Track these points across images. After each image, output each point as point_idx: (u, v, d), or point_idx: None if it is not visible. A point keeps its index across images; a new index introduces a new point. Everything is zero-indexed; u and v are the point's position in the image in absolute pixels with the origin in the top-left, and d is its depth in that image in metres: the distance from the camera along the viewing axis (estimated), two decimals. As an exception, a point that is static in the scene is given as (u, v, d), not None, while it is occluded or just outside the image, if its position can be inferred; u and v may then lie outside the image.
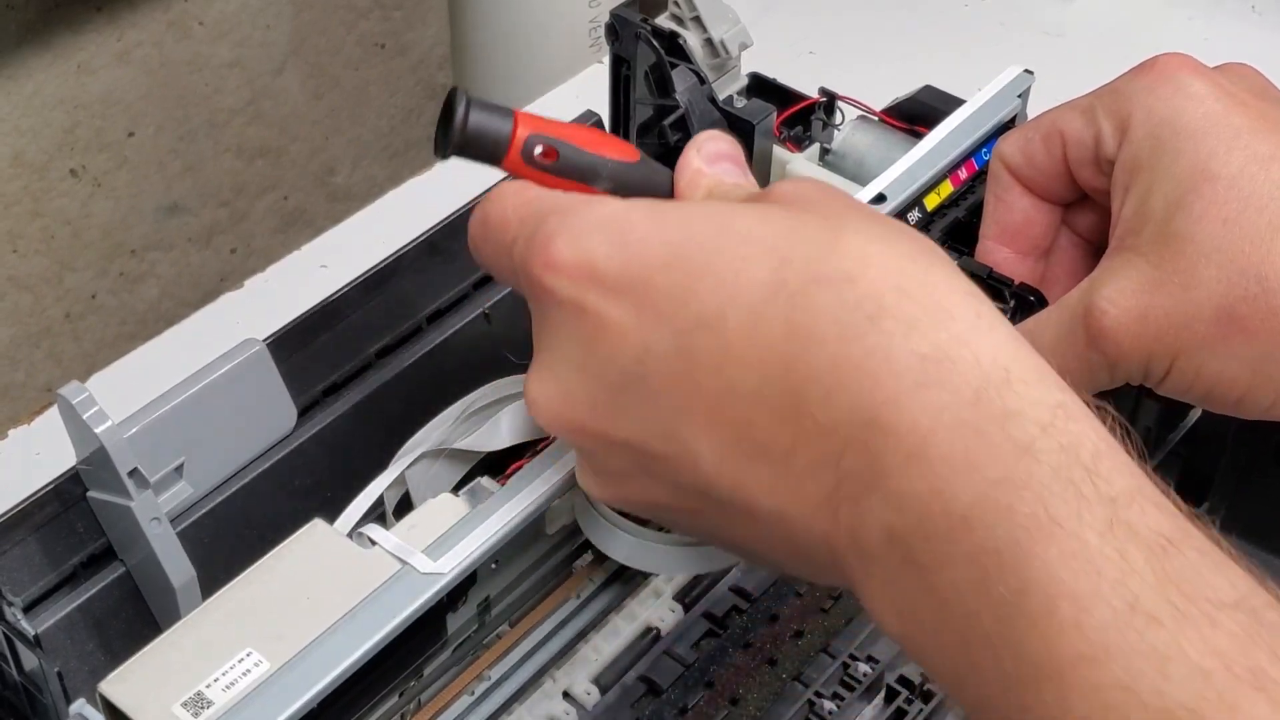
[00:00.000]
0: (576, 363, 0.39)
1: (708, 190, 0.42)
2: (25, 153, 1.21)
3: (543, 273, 0.38)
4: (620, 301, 0.37)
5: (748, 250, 0.36)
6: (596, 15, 1.10)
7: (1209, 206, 0.45)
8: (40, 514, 0.47)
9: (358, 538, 0.46)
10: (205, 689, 0.41)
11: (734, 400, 0.36)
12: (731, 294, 0.36)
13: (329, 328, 0.54)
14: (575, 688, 0.52)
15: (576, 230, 0.38)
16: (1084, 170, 0.50)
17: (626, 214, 0.38)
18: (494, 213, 0.41)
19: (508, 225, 0.40)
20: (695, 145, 0.43)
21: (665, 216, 0.38)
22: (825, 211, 0.37)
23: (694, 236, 0.37)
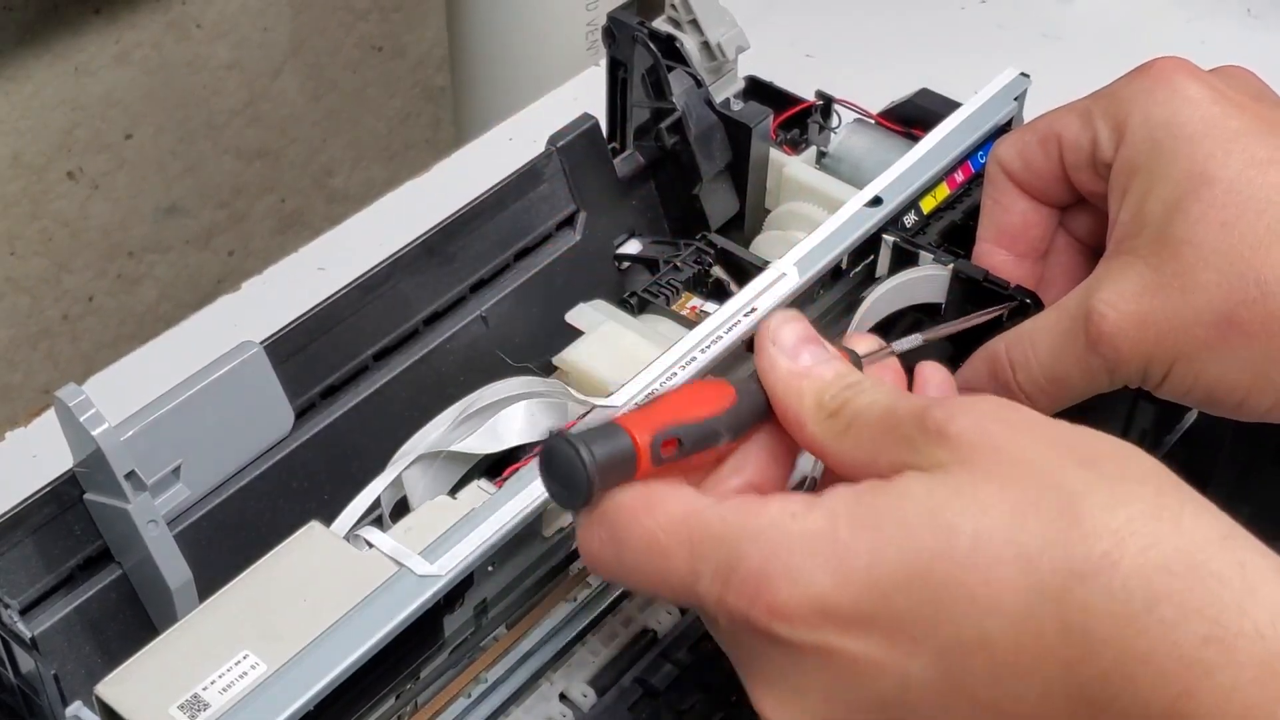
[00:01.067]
0: (824, 693, 0.36)
1: (816, 400, 0.39)
2: (24, 154, 1.21)
3: (769, 620, 0.36)
4: (865, 636, 0.35)
5: (986, 556, 0.34)
6: (594, 18, 1.10)
7: (1207, 210, 0.45)
8: (37, 516, 0.47)
9: (355, 540, 0.46)
10: (202, 691, 0.41)
11: (1017, 712, 0.34)
12: (988, 608, 0.34)
13: (326, 330, 0.54)
14: (572, 690, 0.52)
15: (790, 566, 0.35)
16: (1081, 174, 0.50)
17: (834, 534, 0.35)
18: (635, 536, 0.38)
19: (669, 552, 0.37)
20: (769, 338, 0.40)
21: (880, 531, 0.35)
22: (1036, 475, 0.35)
23: (921, 549, 0.34)
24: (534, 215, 0.60)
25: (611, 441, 0.38)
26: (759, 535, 0.36)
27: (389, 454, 0.53)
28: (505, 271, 0.59)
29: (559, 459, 0.38)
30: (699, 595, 0.37)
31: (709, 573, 0.37)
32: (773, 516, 0.36)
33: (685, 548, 0.37)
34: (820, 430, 0.39)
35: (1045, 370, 0.48)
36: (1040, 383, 0.48)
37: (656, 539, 0.38)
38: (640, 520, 0.38)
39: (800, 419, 0.39)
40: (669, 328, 0.59)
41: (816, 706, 0.37)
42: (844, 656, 0.35)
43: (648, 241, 0.64)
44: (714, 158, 0.63)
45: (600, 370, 0.55)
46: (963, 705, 0.35)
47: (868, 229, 0.56)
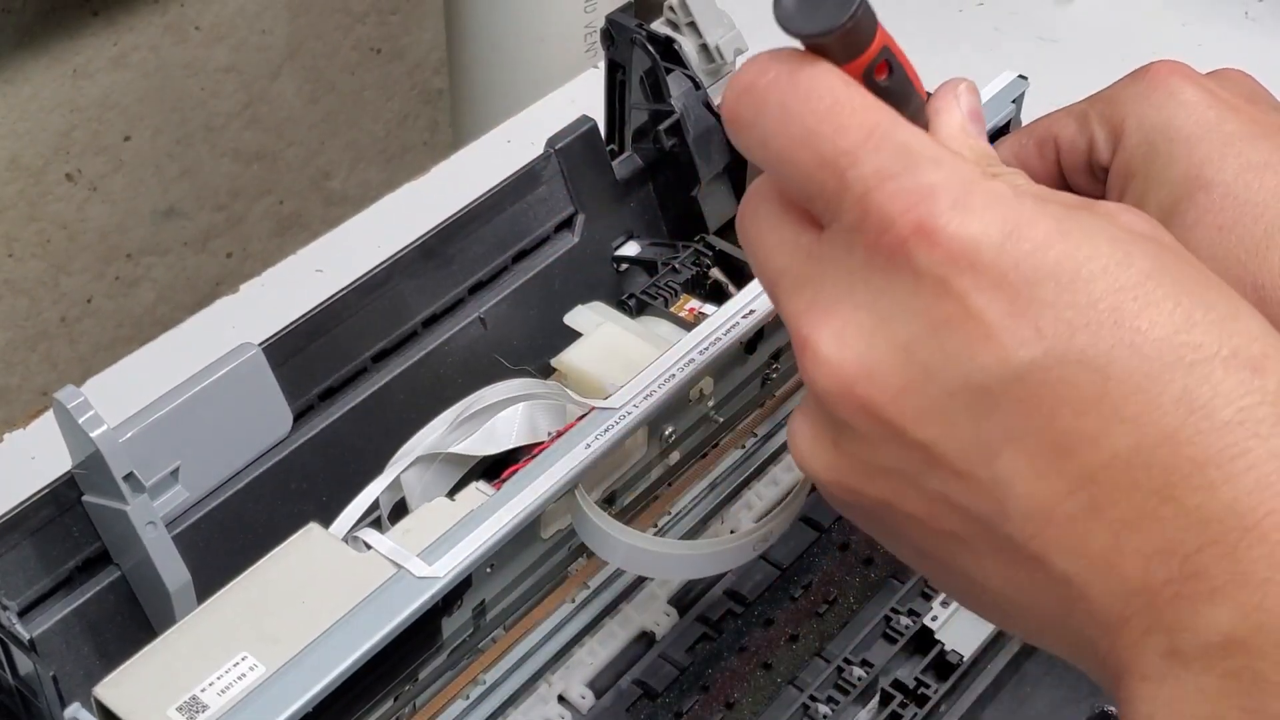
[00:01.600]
0: (903, 340, 0.34)
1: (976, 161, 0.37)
2: (21, 156, 1.21)
3: (909, 235, 0.33)
4: (994, 297, 0.33)
5: (1151, 294, 0.33)
6: (592, 20, 1.10)
7: (1204, 214, 0.45)
8: (36, 518, 0.47)
9: (353, 542, 0.46)
10: (200, 693, 0.41)
11: (1090, 451, 0.32)
12: (1128, 339, 0.32)
13: (325, 332, 0.54)
14: (570, 692, 0.52)
15: (968, 203, 0.33)
16: (1078, 177, 0.50)
17: (1019, 202, 0.33)
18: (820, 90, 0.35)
19: (845, 123, 0.34)
20: (954, 93, 0.39)
21: (1066, 225, 0.33)
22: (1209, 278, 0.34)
23: (1096, 260, 0.33)
24: (532, 217, 0.60)
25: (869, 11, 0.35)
26: (947, 162, 0.34)
27: (387, 456, 0.53)
28: (503, 273, 0.59)
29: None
30: (843, 177, 0.34)
31: (872, 165, 0.34)
32: (959, 162, 0.34)
33: (865, 130, 0.34)
34: None
35: None
36: None
37: (841, 103, 0.34)
38: (833, 80, 0.35)
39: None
40: (667, 329, 0.59)
41: (883, 351, 0.34)
42: (957, 304, 0.33)
43: (646, 243, 0.64)
44: (712, 160, 0.63)
45: (598, 372, 0.55)
46: (1039, 417, 0.33)
47: (866, 231, 0.56)
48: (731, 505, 0.58)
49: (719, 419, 0.56)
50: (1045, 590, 0.34)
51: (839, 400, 0.35)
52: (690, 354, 0.51)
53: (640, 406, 0.49)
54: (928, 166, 0.34)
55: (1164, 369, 0.32)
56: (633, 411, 0.49)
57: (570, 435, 0.48)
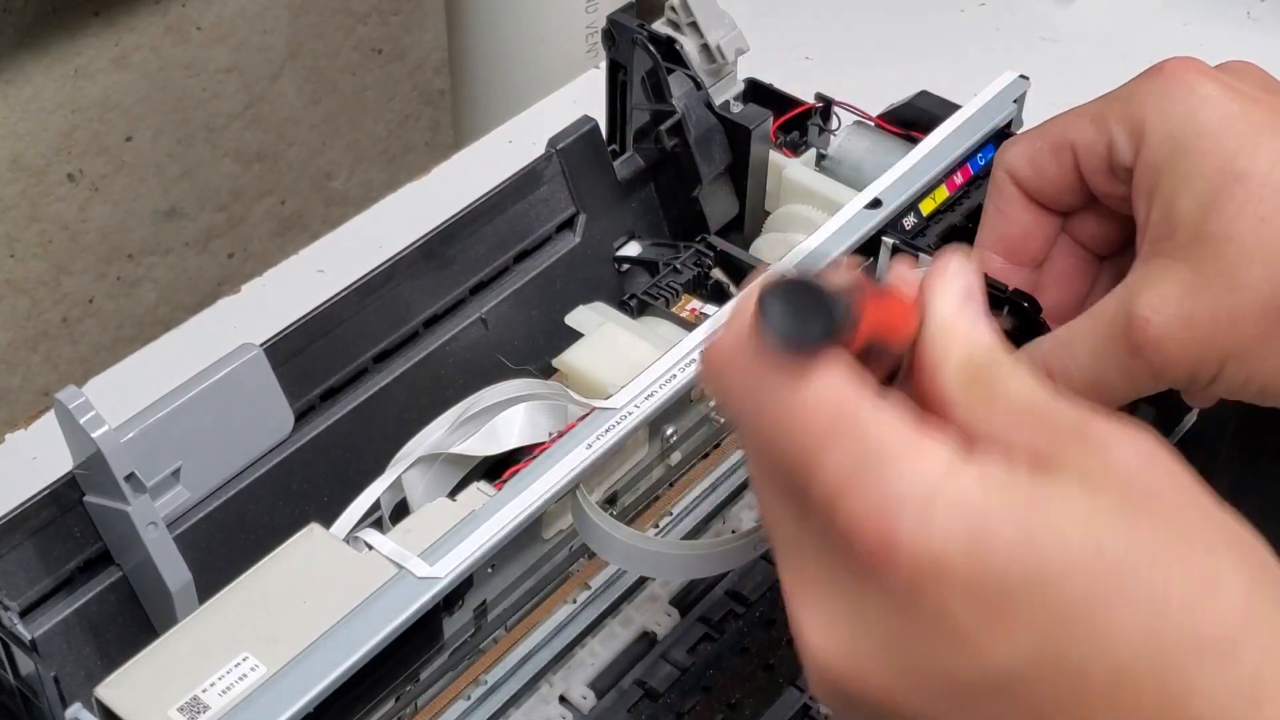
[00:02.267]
0: (885, 640, 0.34)
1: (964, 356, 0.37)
2: (23, 156, 1.21)
3: (875, 546, 0.33)
4: (965, 606, 0.33)
5: (1121, 592, 0.33)
6: (593, 21, 1.10)
7: (1244, 206, 0.45)
8: (37, 518, 0.47)
9: (354, 542, 0.46)
10: (201, 693, 0.41)
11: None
12: (1101, 646, 0.33)
13: (326, 332, 0.54)
14: (572, 692, 0.52)
15: (928, 511, 0.33)
16: (1098, 178, 0.50)
17: (985, 504, 0.33)
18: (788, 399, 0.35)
19: (807, 421, 0.35)
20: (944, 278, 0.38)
21: (1031, 523, 0.33)
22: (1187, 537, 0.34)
23: (1065, 559, 0.33)
24: (533, 217, 0.60)
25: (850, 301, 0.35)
26: (909, 464, 0.34)
27: (389, 456, 0.53)
28: (505, 274, 0.59)
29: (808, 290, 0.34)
30: (814, 482, 0.35)
31: (835, 465, 0.34)
32: (928, 455, 0.34)
33: (827, 426, 0.34)
34: (956, 387, 0.37)
35: (1086, 377, 0.47)
36: (1081, 390, 0.47)
37: (804, 398, 0.35)
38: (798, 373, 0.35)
39: (941, 368, 0.37)
40: (669, 330, 0.59)
41: (868, 642, 0.35)
42: (931, 610, 0.33)
43: (647, 244, 0.64)
44: (714, 160, 0.63)
45: (600, 372, 0.55)
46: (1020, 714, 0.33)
47: (867, 231, 0.56)
48: (733, 505, 0.58)
49: (720, 419, 0.56)
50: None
51: (829, 689, 0.36)
52: (691, 354, 0.51)
53: (641, 407, 0.49)
54: (891, 471, 0.34)
55: (1138, 669, 0.32)
56: (634, 412, 0.49)
57: (571, 435, 0.48)
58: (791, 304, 0.34)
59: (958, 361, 0.37)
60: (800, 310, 0.34)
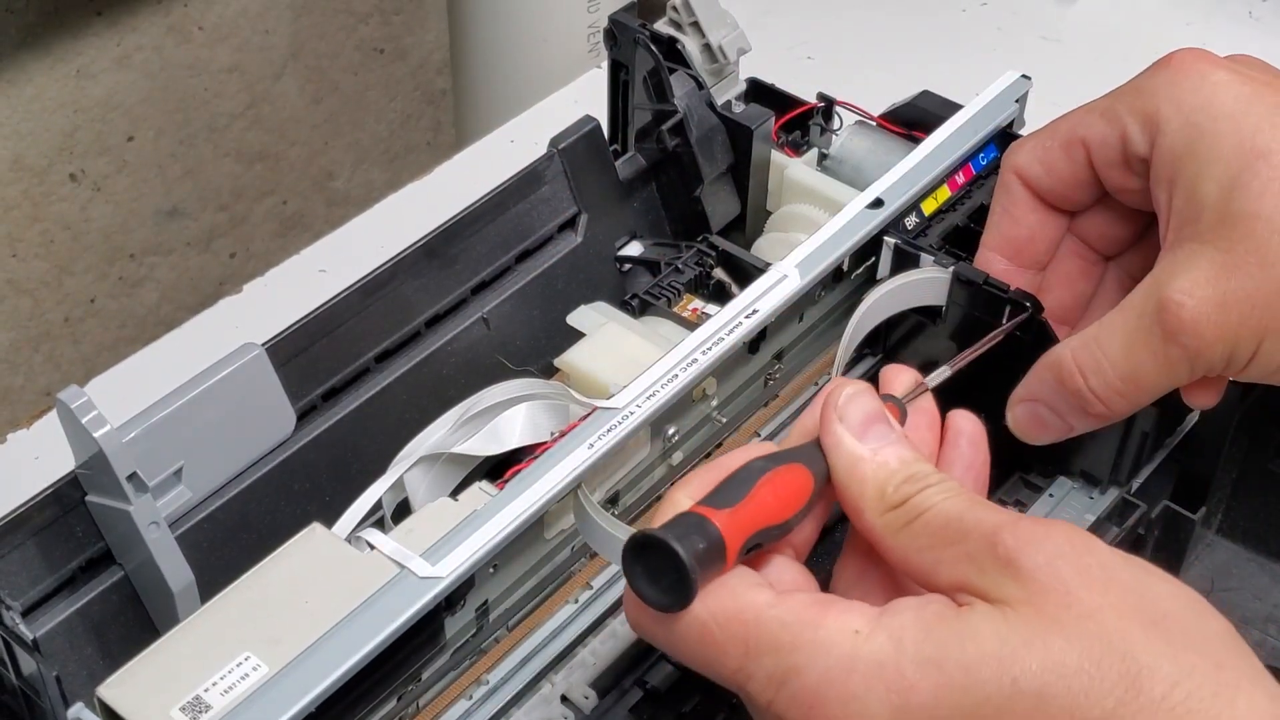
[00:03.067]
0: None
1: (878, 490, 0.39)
2: (25, 157, 1.21)
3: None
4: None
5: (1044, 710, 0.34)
6: (595, 20, 1.10)
7: (1269, 182, 0.45)
8: (39, 518, 0.47)
9: (356, 542, 0.46)
10: (203, 693, 0.41)
11: None
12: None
13: (328, 332, 0.54)
14: (573, 692, 0.52)
15: (848, 692, 0.35)
16: (1112, 172, 0.50)
17: (897, 666, 0.35)
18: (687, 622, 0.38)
19: (722, 646, 0.37)
20: (836, 411, 0.40)
21: (945, 673, 0.35)
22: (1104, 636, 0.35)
23: (984, 700, 0.34)
24: (535, 217, 0.60)
25: (707, 543, 0.37)
26: (818, 651, 0.36)
27: (390, 456, 0.53)
28: (506, 273, 0.59)
29: (657, 559, 0.38)
30: (749, 693, 0.37)
31: (762, 676, 0.37)
32: (833, 632, 0.36)
33: (740, 645, 0.37)
34: (879, 521, 0.38)
35: (1120, 371, 0.47)
36: (1116, 385, 0.47)
37: (710, 630, 0.37)
38: (693, 608, 0.38)
39: (859, 506, 0.39)
40: (670, 329, 0.59)
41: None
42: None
43: (649, 243, 0.64)
44: (715, 160, 0.63)
45: (601, 372, 0.55)
46: None
47: (869, 231, 0.56)
48: (734, 505, 0.58)
49: (722, 419, 0.56)
50: None
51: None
52: (693, 354, 0.51)
53: (643, 407, 0.49)
54: (805, 659, 0.36)
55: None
56: (636, 411, 0.49)
57: (573, 435, 0.48)
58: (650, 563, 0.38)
59: (872, 497, 0.39)
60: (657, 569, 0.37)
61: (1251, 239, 0.45)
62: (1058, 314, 0.53)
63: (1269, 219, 0.44)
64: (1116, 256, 0.54)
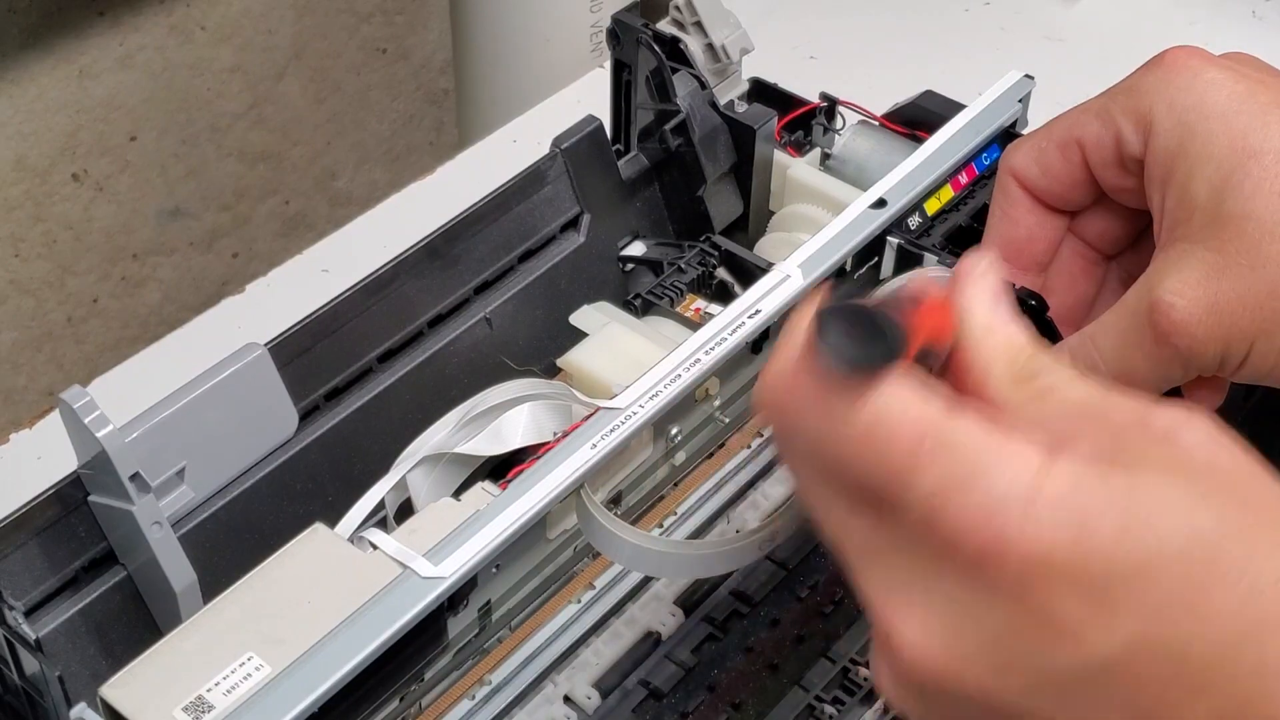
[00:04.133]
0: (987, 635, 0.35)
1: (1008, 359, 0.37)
2: (27, 157, 1.21)
3: (982, 552, 0.34)
4: (1069, 599, 0.34)
5: (1218, 574, 0.33)
6: (598, 20, 1.10)
7: (1260, 183, 0.44)
8: (42, 518, 0.47)
9: (359, 542, 0.46)
10: (206, 693, 0.41)
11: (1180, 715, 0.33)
12: (1200, 627, 0.33)
13: (330, 332, 0.54)
14: (576, 692, 0.52)
15: (1032, 513, 0.34)
16: (1107, 172, 0.50)
17: (1083, 501, 0.34)
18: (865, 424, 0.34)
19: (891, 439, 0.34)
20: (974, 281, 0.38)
21: (1129, 515, 0.34)
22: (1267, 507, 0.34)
23: (1163, 547, 0.33)
24: (538, 217, 0.60)
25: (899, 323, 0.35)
26: (1003, 469, 0.34)
27: (393, 456, 0.53)
28: (509, 273, 0.59)
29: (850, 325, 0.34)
30: (905, 499, 0.34)
31: (930, 481, 0.34)
32: (1016, 455, 0.34)
33: (912, 444, 0.34)
34: (1006, 390, 0.37)
35: (1114, 371, 0.47)
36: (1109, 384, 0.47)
37: (883, 420, 0.34)
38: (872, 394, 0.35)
39: (987, 373, 0.37)
40: (673, 329, 0.59)
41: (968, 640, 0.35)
42: (1036, 609, 0.34)
43: (652, 243, 0.64)
44: (718, 159, 0.63)
45: (604, 372, 0.55)
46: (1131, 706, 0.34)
47: (872, 231, 0.56)
48: (737, 505, 0.58)
49: (725, 419, 0.56)
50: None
51: (928, 686, 0.36)
52: (696, 354, 0.51)
53: (646, 406, 0.49)
54: (988, 473, 0.34)
55: (1236, 642, 0.33)
56: (638, 411, 0.49)
57: (576, 435, 0.48)
58: (849, 327, 0.34)
59: (1003, 365, 0.37)
60: (858, 333, 0.34)
61: (1242, 240, 0.44)
62: (1061, 315, 0.53)
63: (1260, 220, 0.44)
64: (1118, 256, 0.54)
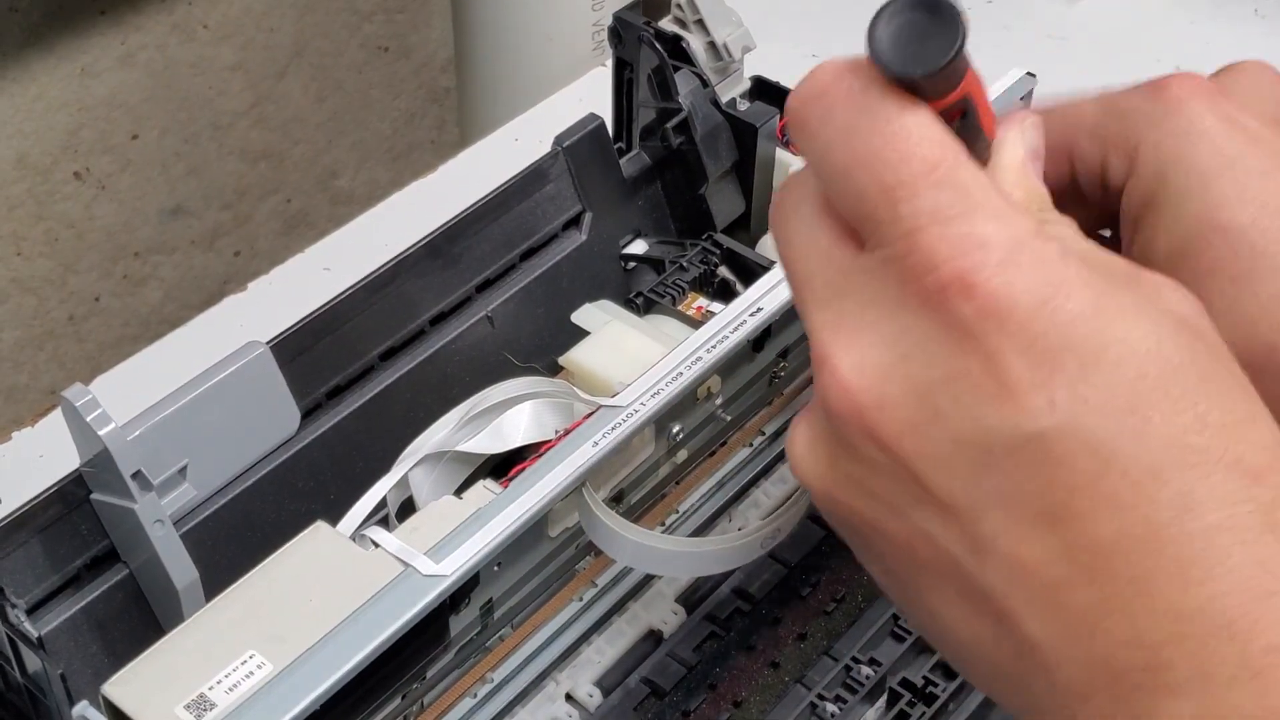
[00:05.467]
0: (921, 382, 0.34)
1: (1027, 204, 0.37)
2: (29, 155, 1.21)
3: (952, 282, 0.33)
4: (1017, 361, 0.33)
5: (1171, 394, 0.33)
6: (600, 18, 1.10)
7: (1217, 262, 0.43)
8: (44, 516, 0.47)
9: (361, 540, 0.46)
10: (208, 691, 0.41)
11: (1076, 529, 0.33)
12: (1137, 430, 0.32)
13: (332, 330, 0.54)
14: (578, 690, 0.52)
15: (1015, 260, 0.33)
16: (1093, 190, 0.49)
17: (1065, 268, 0.33)
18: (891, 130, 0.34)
19: (910, 163, 0.34)
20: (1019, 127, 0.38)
21: (1103, 302, 0.33)
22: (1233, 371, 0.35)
23: (1125, 343, 0.33)
24: (540, 215, 0.60)
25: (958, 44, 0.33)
26: (1004, 215, 0.33)
27: (395, 454, 0.53)
28: (511, 272, 0.59)
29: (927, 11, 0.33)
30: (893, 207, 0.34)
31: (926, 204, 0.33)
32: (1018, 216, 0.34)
33: (930, 164, 0.34)
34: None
35: None
36: None
37: (910, 131, 0.34)
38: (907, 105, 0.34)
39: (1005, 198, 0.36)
40: (675, 328, 0.59)
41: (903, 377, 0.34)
42: (983, 358, 0.33)
43: (654, 242, 0.64)
44: (720, 158, 0.63)
45: (606, 370, 0.55)
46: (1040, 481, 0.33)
47: (874, 229, 0.56)
48: (739, 503, 0.58)
49: (726, 417, 0.56)
50: (1008, 647, 0.34)
51: (846, 421, 0.35)
52: (698, 352, 0.51)
53: (648, 405, 0.49)
54: (983, 216, 0.33)
55: (1165, 466, 0.32)
56: (640, 409, 0.49)
57: (577, 433, 0.48)
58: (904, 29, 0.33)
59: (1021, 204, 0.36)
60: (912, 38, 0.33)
61: None
62: None
63: (1209, 302, 0.42)
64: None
